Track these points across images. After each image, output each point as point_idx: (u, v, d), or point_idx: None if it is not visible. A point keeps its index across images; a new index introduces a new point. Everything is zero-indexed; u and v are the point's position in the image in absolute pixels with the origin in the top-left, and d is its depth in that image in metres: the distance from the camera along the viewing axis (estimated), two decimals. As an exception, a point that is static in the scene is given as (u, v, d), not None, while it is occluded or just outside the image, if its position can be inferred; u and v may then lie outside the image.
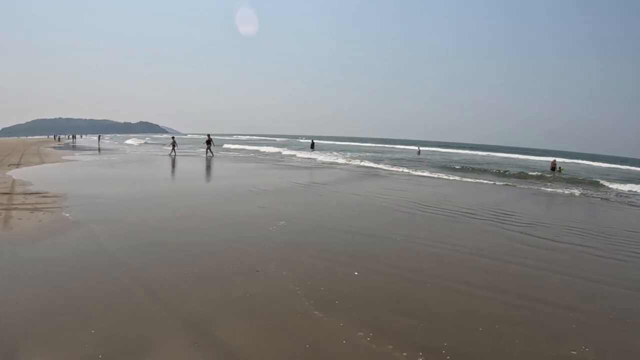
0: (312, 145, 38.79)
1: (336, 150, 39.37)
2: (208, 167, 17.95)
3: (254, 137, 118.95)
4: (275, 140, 78.98)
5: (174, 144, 25.71)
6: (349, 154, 32.20)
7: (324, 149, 40.46)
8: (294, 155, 29.40)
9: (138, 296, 3.70)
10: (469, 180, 16.32)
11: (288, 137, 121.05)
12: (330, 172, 17.37)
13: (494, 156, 48.46)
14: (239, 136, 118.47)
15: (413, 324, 3.36)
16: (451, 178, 16.80)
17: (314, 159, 26.10)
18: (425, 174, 18.21)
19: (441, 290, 4.16)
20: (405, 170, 19.35)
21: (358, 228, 6.66)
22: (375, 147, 61.63)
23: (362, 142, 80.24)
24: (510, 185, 15.35)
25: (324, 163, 22.68)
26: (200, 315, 3.36)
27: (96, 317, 3.28)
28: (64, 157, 20.65)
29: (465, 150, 62.30)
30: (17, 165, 16.00)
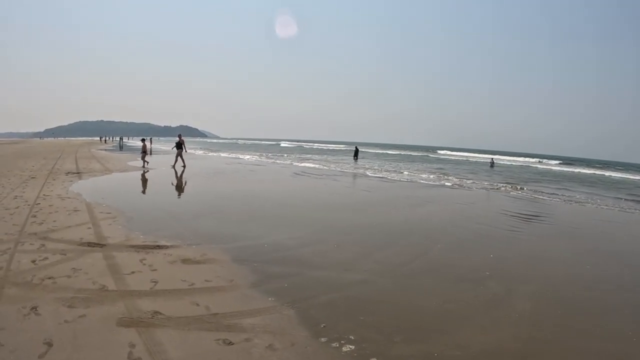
0: (356, 154, 30.89)
1: (375, 160, 31.58)
2: (329, 186, 12.93)
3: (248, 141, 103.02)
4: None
5: (144, 152, 15.83)
6: (403, 165, 25.40)
7: (364, 159, 31.46)
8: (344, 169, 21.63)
9: None
10: None
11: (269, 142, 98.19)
12: (457, 194, 11.99)
13: (566, 170, 35.79)
14: (245, 141, 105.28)
15: None
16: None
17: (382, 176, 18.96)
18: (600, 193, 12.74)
19: None
20: (541, 196, 13.61)
21: None
22: (418, 155, 49.73)
23: (388, 150, 66.04)
24: None
25: (410, 181, 16.28)
26: None
27: None
28: (129, 163, 16.55)
29: (523, 157, 51.62)
30: (78, 173, 11.89)
